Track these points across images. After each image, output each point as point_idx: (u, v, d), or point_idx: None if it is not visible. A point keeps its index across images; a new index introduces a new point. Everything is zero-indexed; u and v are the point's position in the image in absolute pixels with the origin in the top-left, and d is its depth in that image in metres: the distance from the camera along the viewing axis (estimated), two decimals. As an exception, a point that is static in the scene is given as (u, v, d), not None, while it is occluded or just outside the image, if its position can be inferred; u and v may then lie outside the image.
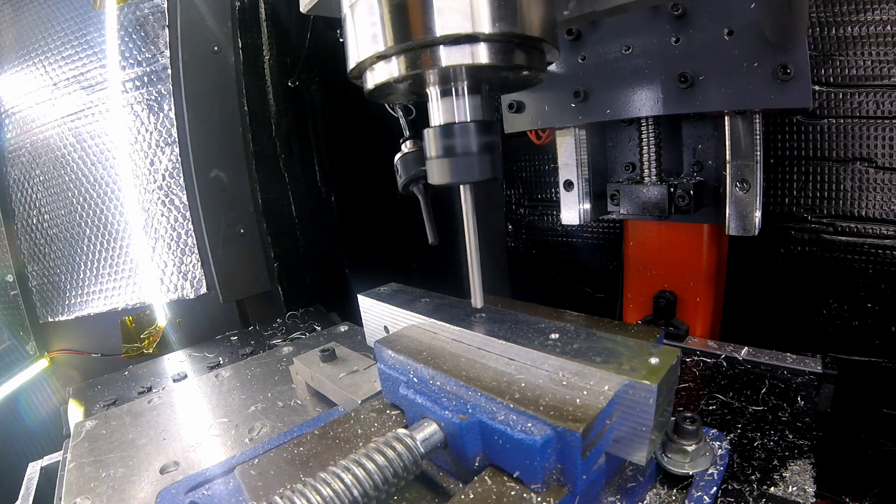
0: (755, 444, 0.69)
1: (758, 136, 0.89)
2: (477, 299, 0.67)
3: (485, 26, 0.49)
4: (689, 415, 0.61)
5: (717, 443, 0.64)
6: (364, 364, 0.89)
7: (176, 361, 1.31)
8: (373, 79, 0.56)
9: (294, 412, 0.92)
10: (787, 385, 0.85)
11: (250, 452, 0.61)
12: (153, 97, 1.48)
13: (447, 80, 0.57)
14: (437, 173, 0.59)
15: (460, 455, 0.51)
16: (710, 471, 0.59)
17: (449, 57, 0.50)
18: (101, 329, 1.61)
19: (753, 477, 0.63)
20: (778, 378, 0.87)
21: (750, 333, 1.11)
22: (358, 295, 0.83)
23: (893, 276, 1.11)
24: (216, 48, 1.51)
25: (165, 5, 1.44)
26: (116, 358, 1.59)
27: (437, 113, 0.59)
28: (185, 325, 1.59)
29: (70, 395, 1.15)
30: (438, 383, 0.56)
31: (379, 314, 0.79)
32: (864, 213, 1.12)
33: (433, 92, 0.58)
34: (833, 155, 1.13)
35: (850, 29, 1.05)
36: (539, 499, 0.46)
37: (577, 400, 0.49)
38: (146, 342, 1.59)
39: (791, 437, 0.70)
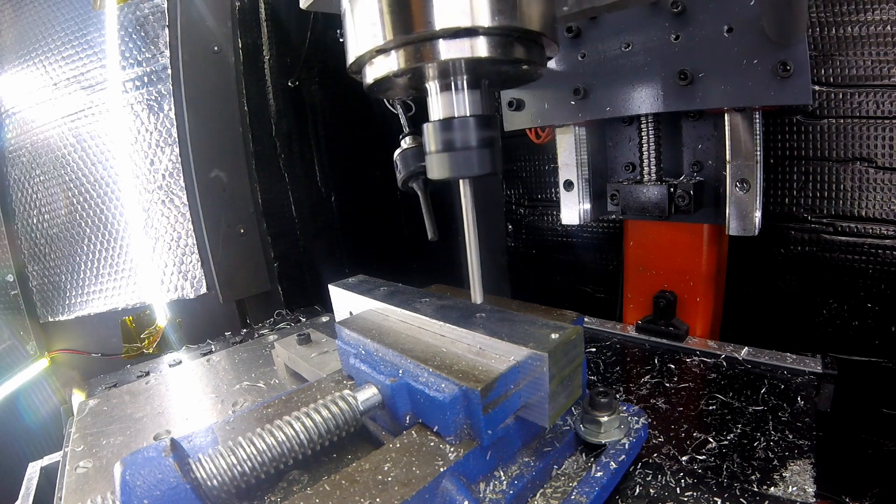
0: (755, 444, 0.70)
1: (758, 136, 0.89)
2: (477, 295, 0.67)
3: (484, 20, 0.49)
4: (602, 388, 0.67)
5: (636, 418, 0.69)
6: (334, 346, 0.95)
7: (173, 359, 1.32)
8: (372, 73, 0.56)
9: (273, 389, 1.01)
10: (787, 385, 0.85)
11: (228, 418, 0.69)
12: (153, 97, 1.48)
13: (446, 75, 0.57)
14: (437, 168, 0.60)
15: (394, 413, 0.60)
16: (622, 441, 0.64)
17: (448, 50, 0.50)
18: (101, 329, 1.61)
19: (754, 477, 0.63)
20: (778, 378, 0.87)
21: (750, 333, 1.11)
22: (329, 285, 0.89)
23: (893, 276, 1.11)
24: (216, 48, 1.51)
25: (165, 5, 1.44)
26: (116, 358, 1.59)
27: (437, 107, 0.59)
28: (184, 324, 1.59)
29: (71, 394, 1.15)
30: (380, 354, 0.65)
31: (345, 301, 0.86)
32: (864, 213, 1.12)
33: (432, 86, 0.58)
34: (833, 155, 1.13)
35: (850, 29, 1.05)
36: (452, 449, 0.54)
37: (485, 366, 0.56)
38: (146, 342, 1.59)
39: (791, 437, 0.70)
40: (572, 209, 1.19)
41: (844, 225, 1.15)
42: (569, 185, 1.18)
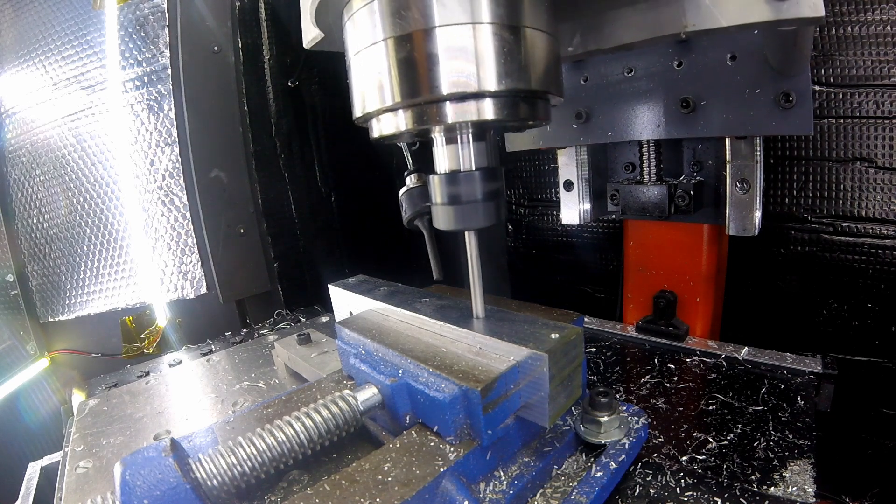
0: (755, 444, 0.70)
1: (758, 138, 0.89)
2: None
3: (491, 84, 0.49)
4: (602, 388, 0.67)
5: (636, 418, 0.69)
6: (334, 346, 0.95)
7: (173, 359, 1.32)
8: (379, 129, 0.57)
9: (273, 389, 1.00)
10: (787, 385, 0.85)
11: (228, 418, 0.69)
12: (153, 97, 1.48)
13: (453, 130, 0.57)
14: (443, 219, 0.60)
15: (394, 413, 0.60)
16: (622, 441, 0.64)
17: (455, 114, 0.50)
18: (101, 329, 1.61)
19: (754, 477, 0.63)
20: (778, 378, 0.87)
21: (750, 333, 1.11)
22: (329, 285, 0.89)
23: (893, 276, 1.11)
24: (216, 48, 1.51)
25: (165, 5, 1.44)
26: (116, 358, 1.59)
27: (443, 159, 0.59)
28: (184, 324, 1.59)
29: (71, 394, 1.15)
30: (380, 354, 0.65)
31: (345, 301, 0.87)
32: (864, 213, 1.12)
33: (438, 138, 0.59)
34: (833, 155, 1.13)
35: (850, 29, 1.05)
36: (452, 449, 0.54)
37: (485, 366, 0.56)
38: (146, 342, 1.59)
39: (791, 437, 0.70)
40: (572, 209, 1.19)
41: (844, 225, 1.15)
42: (569, 185, 1.18)
